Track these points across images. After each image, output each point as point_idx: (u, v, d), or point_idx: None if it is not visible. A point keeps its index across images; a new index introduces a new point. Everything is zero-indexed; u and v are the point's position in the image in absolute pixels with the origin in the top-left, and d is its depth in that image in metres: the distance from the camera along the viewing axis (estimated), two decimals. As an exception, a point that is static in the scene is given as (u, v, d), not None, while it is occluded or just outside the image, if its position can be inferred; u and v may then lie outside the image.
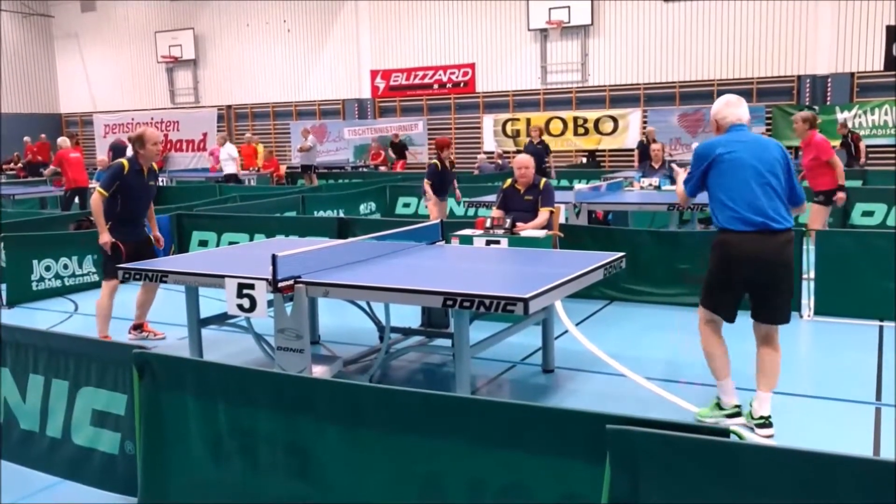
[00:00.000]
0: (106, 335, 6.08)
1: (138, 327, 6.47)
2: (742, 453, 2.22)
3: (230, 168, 16.29)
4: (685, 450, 2.28)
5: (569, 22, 19.62)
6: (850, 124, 15.99)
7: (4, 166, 21.85)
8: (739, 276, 4.12)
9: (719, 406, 4.37)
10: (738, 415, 4.30)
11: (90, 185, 12.76)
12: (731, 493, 2.22)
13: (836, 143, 15.50)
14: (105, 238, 5.99)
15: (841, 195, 8.03)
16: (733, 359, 4.38)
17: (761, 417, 4.19)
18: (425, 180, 10.00)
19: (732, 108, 4.27)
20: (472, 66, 21.21)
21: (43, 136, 22.72)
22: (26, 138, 22.47)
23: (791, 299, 4.30)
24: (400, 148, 20.67)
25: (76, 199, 13.26)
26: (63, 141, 13.63)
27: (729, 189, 4.07)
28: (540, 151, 13.49)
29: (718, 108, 4.33)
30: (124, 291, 7.27)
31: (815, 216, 8.10)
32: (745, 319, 4.31)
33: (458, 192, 10.40)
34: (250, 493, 3.14)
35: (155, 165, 6.33)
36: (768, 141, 4.29)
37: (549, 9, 19.70)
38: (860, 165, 14.65)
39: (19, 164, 21.92)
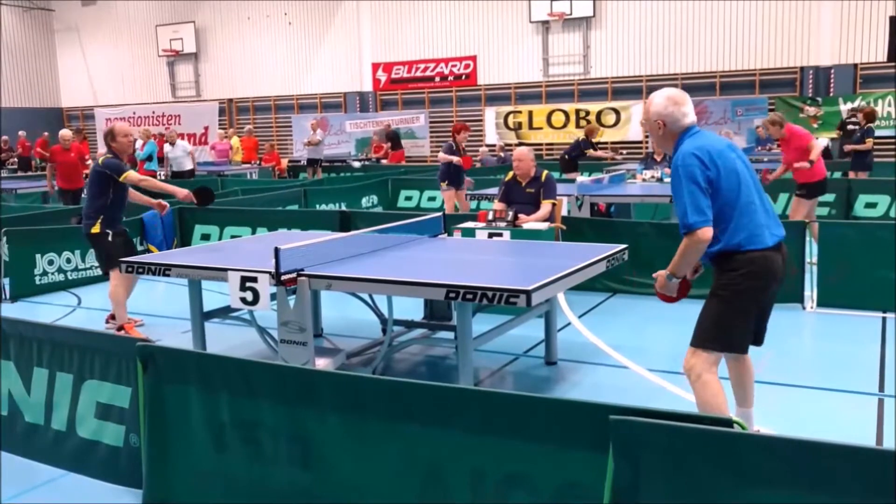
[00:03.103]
0: (128, 322, 6.31)
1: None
2: (744, 443, 2.23)
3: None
4: (687, 440, 2.29)
5: (570, 14, 19.55)
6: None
7: (4, 156, 21.66)
8: (763, 299, 3.54)
9: None
10: None
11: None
12: (734, 483, 2.23)
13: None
14: (183, 193, 6.27)
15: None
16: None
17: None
18: (441, 154, 10.13)
19: (683, 107, 3.52)
20: (474, 58, 21.15)
21: (46, 134, 22.61)
22: (21, 132, 22.34)
23: None
24: (394, 138, 20.41)
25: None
26: (64, 133, 12.85)
27: (745, 202, 3.44)
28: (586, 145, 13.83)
29: (663, 106, 3.51)
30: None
31: (796, 209, 8.27)
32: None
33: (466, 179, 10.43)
34: (254, 484, 3.15)
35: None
36: (731, 142, 3.71)
37: (551, 0, 19.64)
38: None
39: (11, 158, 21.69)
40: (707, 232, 3.37)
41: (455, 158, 10.07)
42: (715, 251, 3.48)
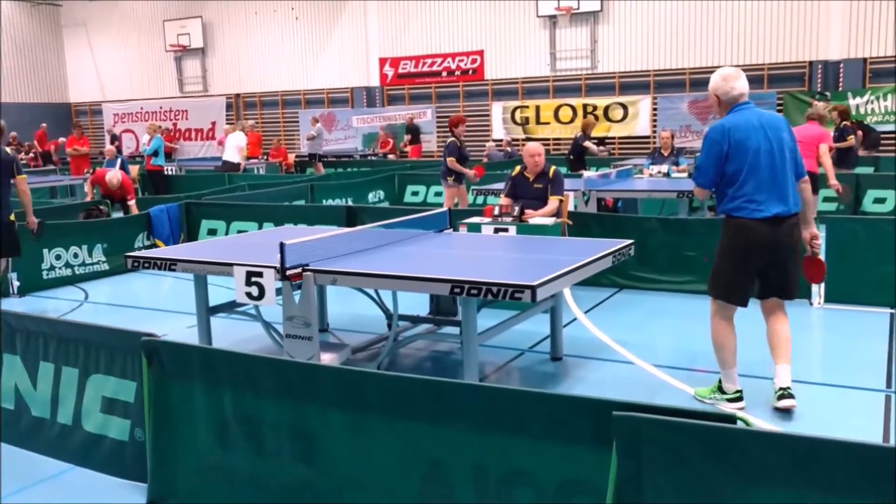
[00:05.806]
0: None
1: None
2: (748, 439, 2.22)
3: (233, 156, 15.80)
4: (691, 436, 2.28)
5: (578, 8, 19.47)
6: (861, 110, 15.79)
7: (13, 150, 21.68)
8: (754, 261, 4.13)
9: (721, 389, 4.37)
10: (739, 399, 4.30)
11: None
12: (737, 479, 2.22)
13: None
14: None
15: None
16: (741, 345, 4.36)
17: (781, 389, 4.20)
18: (450, 158, 9.44)
19: (733, 82, 4.13)
20: (481, 53, 21.10)
21: (44, 125, 22.57)
22: (44, 125, 22.39)
23: (798, 275, 4.32)
24: (415, 132, 20.41)
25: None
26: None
27: (747, 176, 4.02)
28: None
29: (717, 83, 4.16)
30: (133, 280, 7.33)
31: None
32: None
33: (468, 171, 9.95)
34: (258, 478, 3.16)
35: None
36: (774, 118, 4.24)
37: (559, -5, 19.57)
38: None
39: (30, 154, 21.76)
40: (700, 191, 4.32)
41: (470, 172, 9.61)
42: (718, 209, 4.23)
